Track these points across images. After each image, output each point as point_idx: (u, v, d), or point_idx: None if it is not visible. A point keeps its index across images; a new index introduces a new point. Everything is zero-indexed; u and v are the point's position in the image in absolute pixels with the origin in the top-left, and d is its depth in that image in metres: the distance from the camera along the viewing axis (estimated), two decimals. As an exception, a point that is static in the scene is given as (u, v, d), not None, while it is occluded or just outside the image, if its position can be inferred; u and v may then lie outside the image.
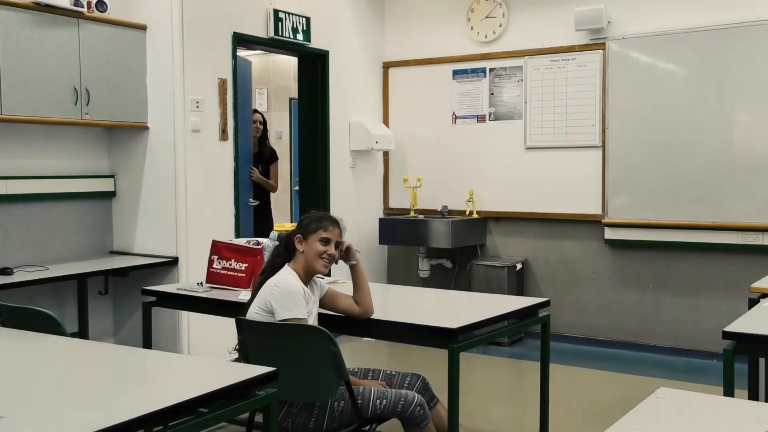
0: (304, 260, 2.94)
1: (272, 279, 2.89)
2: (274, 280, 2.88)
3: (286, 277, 2.88)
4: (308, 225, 2.97)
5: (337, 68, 6.04)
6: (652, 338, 5.49)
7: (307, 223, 2.98)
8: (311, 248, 2.94)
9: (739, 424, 1.80)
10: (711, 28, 5.16)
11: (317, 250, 2.93)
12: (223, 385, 2.02)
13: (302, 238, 2.95)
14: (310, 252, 2.93)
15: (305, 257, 2.93)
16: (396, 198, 6.62)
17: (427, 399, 3.07)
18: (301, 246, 2.94)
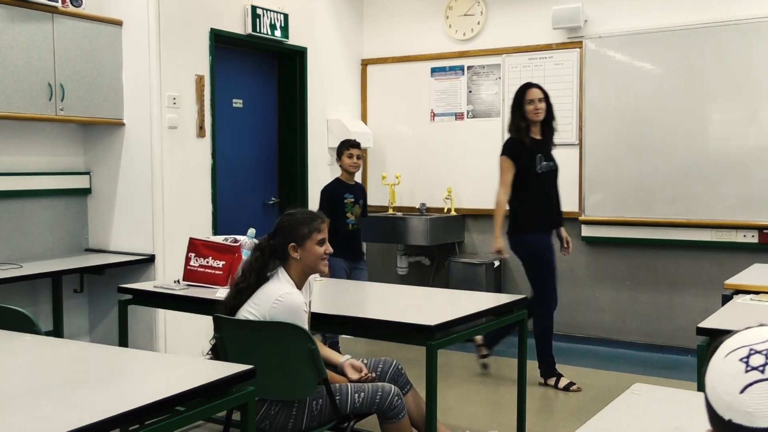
0: (302, 266, 2.85)
1: (271, 289, 2.78)
2: (275, 293, 2.76)
3: (289, 291, 2.76)
4: (300, 230, 2.84)
5: (315, 65, 6.03)
6: (628, 334, 5.55)
7: (296, 228, 2.85)
8: (311, 253, 2.85)
9: (713, 419, 1.83)
10: (686, 28, 5.21)
11: (318, 254, 2.86)
12: (200, 384, 2.01)
13: (297, 245, 2.84)
14: (311, 257, 2.85)
15: (304, 263, 2.84)
16: (374, 195, 6.61)
17: (401, 385, 3.08)
18: (297, 253, 2.83)
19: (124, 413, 1.77)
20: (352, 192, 5.13)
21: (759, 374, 0.89)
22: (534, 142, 4.62)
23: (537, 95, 4.63)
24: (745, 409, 0.88)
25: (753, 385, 0.89)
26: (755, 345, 0.92)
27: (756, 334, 0.95)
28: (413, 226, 5.96)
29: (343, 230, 5.02)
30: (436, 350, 2.85)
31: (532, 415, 3.64)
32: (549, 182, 4.65)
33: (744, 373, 0.90)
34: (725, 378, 0.92)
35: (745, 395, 0.89)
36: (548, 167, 4.62)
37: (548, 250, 4.63)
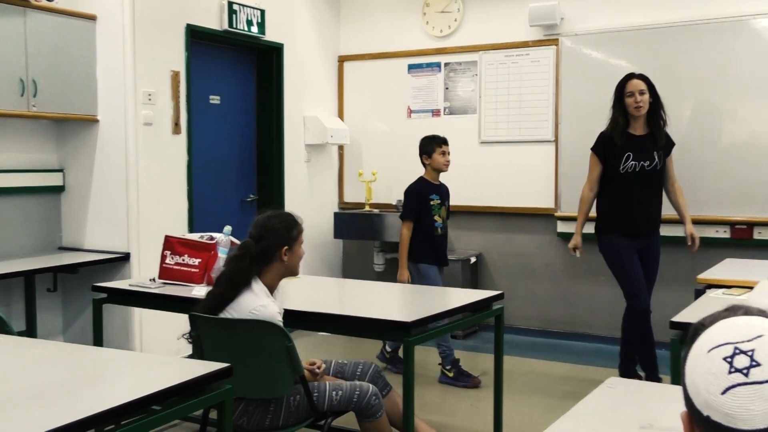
0: (285, 269, 2.83)
1: (247, 300, 2.74)
2: (250, 305, 2.72)
3: (263, 303, 2.73)
4: (292, 232, 2.82)
5: (291, 62, 6.01)
6: (604, 329, 5.60)
7: (290, 230, 2.82)
8: (297, 256, 2.85)
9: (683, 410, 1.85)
10: (661, 26, 5.26)
11: (301, 256, 2.87)
12: (176, 383, 2.00)
13: (289, 248, 2.81)
14: (296, 260, 2.84)
15: (288, 266, 2.82)
16: (351, 192, 6.62)
17: (380, 387, 3.08)
18: (286, 256, 2.80)
19: (100, 413, 1.76)
20: (438, 193, 4.74)
21: (742, 377, 0.88)
22: (630, 139, 4.28)
23: (638, 87, 4.24)
24: (726, 410, 0.88)
25: (735, 387, 0.88)
26: (740, 344, 0.90)
27: (741, 329, 0.93)
28: (390, 223, 5.97)
29: (432, 235, 4.67)
30: (413, 346, 2.86)
31: (509, 409, 3.66)
32: (639, 183, 4.28)
33: (727, 374, 0.89)
34: (707, 375, 0.91)
35: (727, 397, 0.88)
36: (637, 167, 4.27)
37: (618, 252, 4.34)
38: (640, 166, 4.28)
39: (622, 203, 4.33)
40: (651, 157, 4.29)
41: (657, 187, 4.36)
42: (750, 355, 0.88)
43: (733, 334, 0.92)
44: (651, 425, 1.75)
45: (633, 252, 4.35)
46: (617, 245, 4.36)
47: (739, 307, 0.98)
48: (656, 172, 4.31)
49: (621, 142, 4.28)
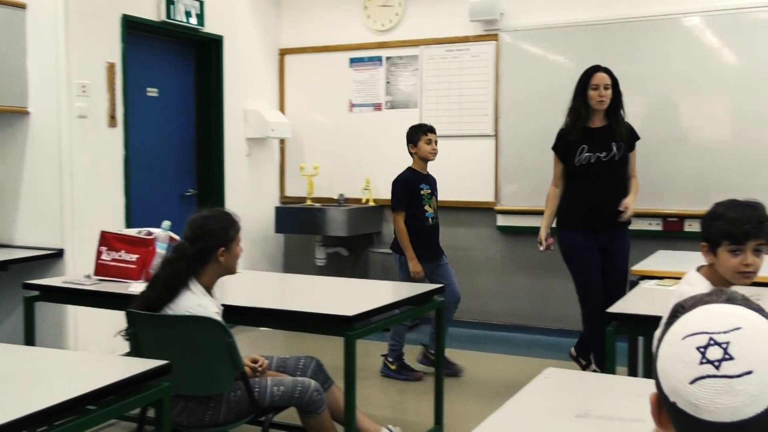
0: (222, 269, 2.78)
1: (186, 299, 2.69)
2: (188, 303, 2.68)
3: (200, 303, 2.69)
4: (229, 232, 2.77)
5: (231, 54, 5.93)
6: (542, 321, 5.70)
7: (227, 230, 2.77)
8: (235, 256, 2.80)
9: (619, 399, 1.90)
10: (598, 23, 5.37)
11: (239, 255, 2.83)
12: (112, 381, 1.96)
13: (226, 248, 2.76)
14: (234, 260, 2.80)
15: (225, 266, 2.78)
16: (292, 186, 6.58)
17: (322, 381, 3.07)
18: (224, 257, 2.76)
19: (31, 414, 1.71)
20: (428, 183, 4.64)
21: (713, 370, 0.87)
22: (585, 132, 4.22)
23: (604, 81, 4.16)
24: (692, 400, 0.87)
25: (704, 379, 0.87)
26: (716, 334, 0.89)
27: (720, 318, 0.91)
28: (331, 217, 5.95)
29: (422, 226, 4.56)
30: (354, 340, 2.86)
31: (450, 401, 3.70)
32: (597, 175, 4.19)
33: (698, 365, 0.88)
34: (678, 363, 0.90)
35: (695, 387, 0.87)
36: (593, 159, 4.19)
37: (576, 251, 4.27)
38: (596, 158, 4.20)
39: (581, 197, 4.26)
40: (608, 148, 4.19)
41: (619, 180, 4.23)
42: (724, 348, 0.87)
43: (710, 322, 0.91)
44: (586, 414, 1.79)
45: (592, 251, 4.25)
46: (576, 242, 4.28)
47: (723, 293, 0.96)
48: (615, 164, 4.20)
49: (577, 135, 4.23)
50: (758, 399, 0.85)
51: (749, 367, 0.86)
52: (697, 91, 5.17)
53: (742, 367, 0.86)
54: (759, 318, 0.91)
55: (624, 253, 4.25)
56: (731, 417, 0.85)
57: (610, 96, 4.19)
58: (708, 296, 0.96)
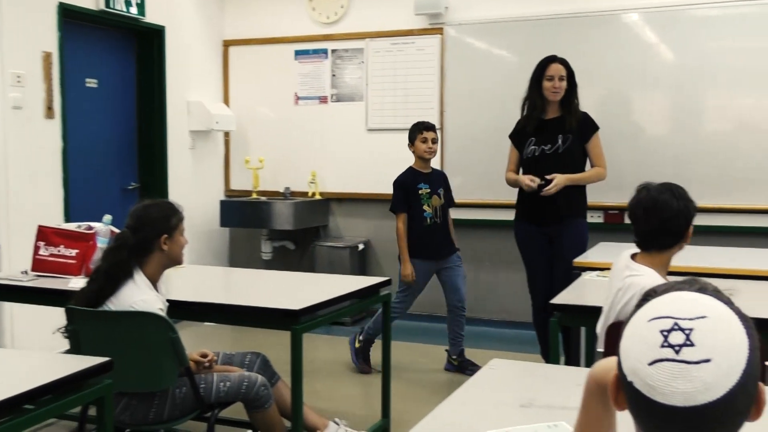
0: (166, 259, 2.74)
1: (126, 294, 2.64)
2: (131, 297, 2.63)
3: (143, 298, 2.63)
4: (171, 220, 2.74)
5: (174, 45, 5.83)
6: (488, 313, 5.77)
7: (168, 218, 2.73)
8: (178, 245, 2.76)
9: (560, 389, 1.94)
10: (541, 18, 5.45)
11: (183, 245, 2.79)
12: (50, 379, 1.91)
13: (168, 236, 2.72)
14: (177, 249, 2.76)
15: (169, 255, 2.74)
16: (237, 180, 6.51)
17: (268, 376, 3.06)
18: (166, 246, 2.71)
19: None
20: (428, 181, 4.56)
21: (672, 353, 0.88)
22: (540, 124, 4.22)
23: (559, 72, 4.15)
24: (649, 381, 0.89)
25: (663, 362, 0.88)
26: (681, 320, 0.90)
27: (687, 305, 0.93)
28: (277, 211, 5.91)
29: (420, 226, 4.52)
30: (300, 334, 2.85)
31: (397, 394, 3.72)
32: (541, 168, 4.18)
33: (659, 347, 0.89)
34: (641, 344, 0.91)
35: (653, 369, 0.89)
36: (537, 152, 4.21)
37: (523, 244, 4.35)
38: (540, 150, 4.23)
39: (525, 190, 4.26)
40: (553, 141, 4.20)
41: (563, 172, 4.16)
42: (687, 334, 0.89)
43: (678, 308, 0.92)
44: (531, 403, 1.81)
45: (539, 242, 4.29)
46: (523, 234, 4.35)
47: (696, 281, 0.98)
48: (559, 157, 4.19)
49: (531, 126, 4.24)
50: (712, 388, 0.87)
51: (708, 356, 0.87)
52: (636, 86, 5.29)
53: (701, 354, 0.88)
54: (726, 309, 0.92)
55: (570, 245, 4.15)
56: (684, 402, 0.87)
57: (565, 87, 4.19)
58: (681, 284, 0.98)
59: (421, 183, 4.55)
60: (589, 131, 4.29)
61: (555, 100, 4.22)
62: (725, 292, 0.97)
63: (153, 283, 2.74)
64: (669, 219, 2.35)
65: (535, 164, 4.26)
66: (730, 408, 0.88)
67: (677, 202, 2.36)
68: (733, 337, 0.90)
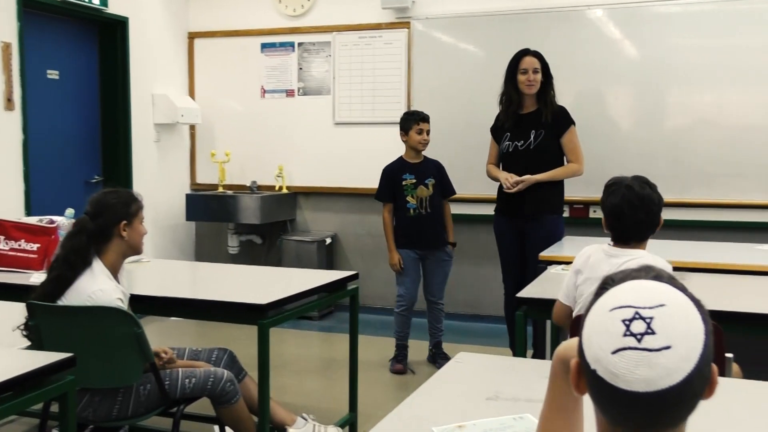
0: (126, 247, 2.71)
1: (84, 284, 2.60)
2: (87, 289, 2.59)
3: (101, 288, 2.59)
4: (130, 207, 2.70)
5: (138, 37, 5.74)
6: (455, 306, 5.79)
7: (127, 205, 2.70)
8: (137, 232, 2.73)
9: (526, 381, 1.96)
10: (507, 13, 5.47)
11: (143, 233, 2.76)
12: (11, 376, 1.88)
13: (128, 223, 2.69)
14: (137, 237, 2.73)
15: (129, 243, 2.70)
16: (203, 173, 6.45)
17: (235, 372, 3.04)
18: (125, 232, 2.68)
19: None
20: (414, 172, 4.53)
21: (635, 342, 0.91)
22: (516, 119, 4.27)
23: (533, 65, 4.17)
24: (612, 369, 0.92)
25: (626, 350, 0.91)
26: (642, 309, 0.93)
27: (647, 294, 0.95)
28: (244, 204, 5.87)
29: (403, 216, 4.53)
30: (267, 329, 2.83)
31: (364, 388, 3.72)
32: (514, 163, 4.25)
33: (621, 336, 0.92)
34: (603, 333, 0.94)
35: (616, 357, 0.92)
36: (511, 147, 4.27)
37: (498, 235, 4.44)
38: (514, 146, 4.27)
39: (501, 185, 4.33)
40: (525, 137, 4.23)
41: (537, 169, 4.22)
42: (648, 322, 0.92)
43: (638, 297, 0.95)
44: (497, 396, 1.83)
45: (511, 236, 4.37)
46: (497, 228, 4.46)
47: (652, 269, 1.01)
48: (531, 153, 4.22)
49: (509, 121, 4.28)
50: (673, 373, 0.90)
51: (668, 343, 0.91)
52: (600, 82, 5.35)
53: (661, 342, 0.91)
54: (683, 297, 0.96)
55: (538, 240, 4.13)
56: (646, 388, 0.90)
57: (540, 80, 4.20)
58: (637, 272, 1.00)
59: (407, 173, 4.54)
60: (564, 126, 4.31)
61: (530, 94, 4.25)
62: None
63: (113, 273, 2.71)
64: (654, 212, 2.46)
65: (508, 160, 4.33)
66: (689, 390, 0.92)
67: (656, 195, 2.47)
68: (691, 324, 0.93)
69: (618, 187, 2.46)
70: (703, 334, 0.93)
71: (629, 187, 2.44)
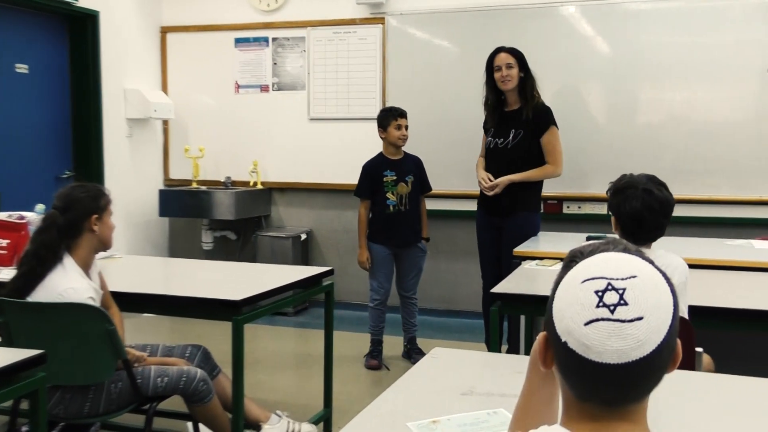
0: (96, 241, 2.67)
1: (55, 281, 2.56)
2: (58, 287, 2.55)
3: (72, 286, 2.55)
4: (100, 201, 2.67)
5: (109, 31, 5.68)
6: (430, 302, 5.80)
7: (97, 198, 2.67)
8: (108, 226, 2.70)
9: (500, 376, 1.97)
10: (481, 9, 5.49)
11: (113, 227, 2.73)
12: (-20, 374, 1.85)
13: (98, 217, 2.65)
14: (107, 231, 2.69)
15: (100, 237, 2.67)
16: (177, 169, 6.39)
17: (209, 369, 3.02)
18: (96, 226, 2.65)
19: None
20: (395, 168, 4.53)
21: (608, 313, 0.91)
22: (502, 115, 4.29)
23: (505, 61, 4.20)
24: (584, 341, 0.92)
25: (599, 321, 0.91)
26: (614, 281, 0.93)
27: (618, 265, 0.95)
28: (218, 200, 5.84)
29: (382, 213, 4.52)
30: (242, 325, 2.82)
31: (339, 384, 3.72)
32: (494, 161, 4.30)
33: (594, 307, 0.92)
34: (575, 305, 0.93)
35: (588, 329, 0.91)
36: (492, 144, 4.31)
37: (477, 228, 4.48)
38: (494, 143, 4.32)
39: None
40: (506, 135, 4.27)
41: (514, 167, 4.25)
42: (620, 294, 0.92)
43: (609, 269, 0.95)
44: (471, 391, 1.84)
45: (489, 232, 4.41)
46: (478, 222, 4.51)
47: (620, 242, 1.01)
48: (509, 151, 4.26)
49: (493, 120, 4.34)
50: (645, 344, 0.91)
51: (640, 314, 0.91)
52: (574, 78, 5.38)
53: (634, 312, 0.91)
54: (652, 269, 0.96)
55: (512, 237, 4.17)
56: (617, 359, 0.91)
57: (515, 75, 4.22)
58: (605, 245, 1.00)
59: (387, 170, 4.54)
60: (543, 127, 4.32)
61: (508, 89, 4.27)
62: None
63: (85, 269, 2.67)
64: (670, 214, 2.40)
65: (490, 156, 4.40)
66: (657, 362, 0.93)
67: (671, 196, 2.41)
68: (661, 295, 0.94)
69: (635, 191, 2.35)
70: (672, 306, 0.94)
71: (648, 191, 2.34)
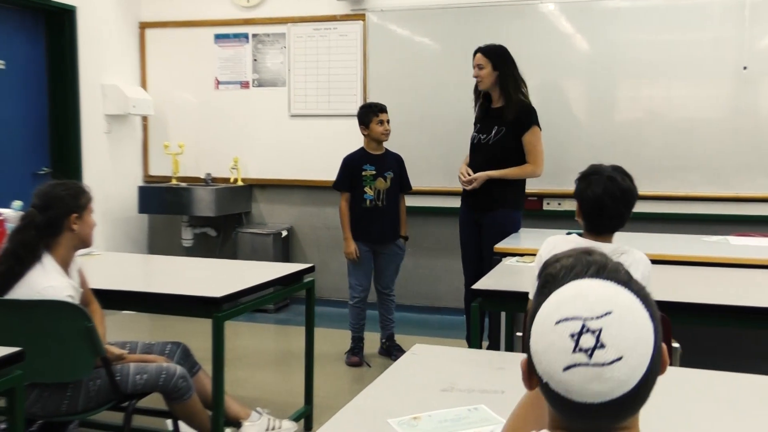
0: (77, 239, 2.64)
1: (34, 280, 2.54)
2: (36, 285, 2.52)
3: (51, 284, 2.53)
4: (80, 199, 2.64)
5: (86, 26, 5.63)
6: (410, 298, 5.82)
7: (78, 196, 2.64)
8: (88, 225, 2.67)
9: (481, 373, 1.98)
10: (461, 6, 5.50)
11: (93, 225, 2.70)
12: (-44, 373, 1.83)
13: (78, 215, 2.63)
14: (87, 229, 2.66)
15: (80, 236, 2.64)
16: (156, 165, 6.35)
17: (189, 367, 3.01)
18: (76, 225, 2.62)
19: None
20: (375, 163, 4.52)
21: (585, 358, 0.89)
22: (489, 112, 4.34)
23: (476, 62, 4.27)
24: (564, 386, 0.91)
25: (577, 367, 0.89)
26: (589, 321, 0.90)
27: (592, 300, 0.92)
28: (198, 197, 5.81)
29: (359, 207, 4.51)
30: (222, 322, 2.81)
31: (320, 381, 3.72)
32: (476, 155, 4.36)
33: (571, 353, 0.89)
34: (551, 349, 0.91)
35: (567, 374, 0.90)
36: (475, 139, 4.37)
37: (460, 224, 4.50)
38: (478, 139, 4.36)
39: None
40: (489, 131, 4.30)
41: (494, 164, 4.27)
42: (597, 336, 0.89)
43: (583, 306, 0.91)
44: (452, 387, 1.85)
45: (470, 227, 4.43)
46: (461, 218, 4.53)
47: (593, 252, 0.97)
48: (489, 148, 4.30)
49: (480, 114, 4.40)
50: (627, 382, 0.90)
51: (619, 354, 0.89)
52: (553, 75, 5.41)
53: (612, 354, 0.89)
54: (629, 296, 0.93)
55: (491, 233, 4.15)
56: (600, 399, 0.90)
57: (486, 75, 4.25)
58: (577, 266, 0.97)
59: (367, 164, 4.53)
60: (524, 126, 4.32)
61: (483, 89, 4.32)
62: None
63: (64, 267, 2.65)
64: (632, 205, 2.38)
65: (473, 150, 4.43)
66: (643, 390, 0.91)
67: (635, 187, 2.39)
68: (639, 328, 0.91)
69: (599, 177, 2.35)
70: (653, 334, 0.92)
71: (612, 178, 2.34)
